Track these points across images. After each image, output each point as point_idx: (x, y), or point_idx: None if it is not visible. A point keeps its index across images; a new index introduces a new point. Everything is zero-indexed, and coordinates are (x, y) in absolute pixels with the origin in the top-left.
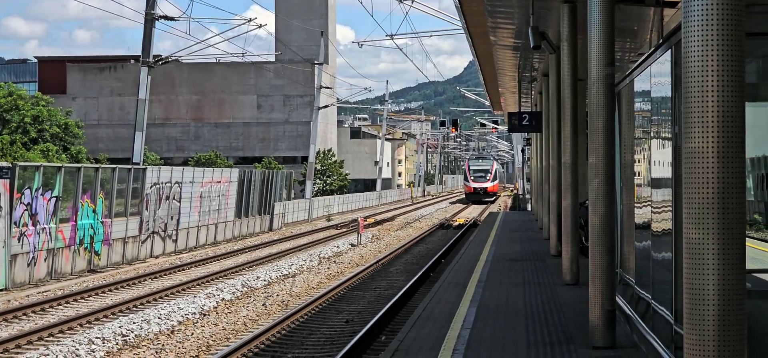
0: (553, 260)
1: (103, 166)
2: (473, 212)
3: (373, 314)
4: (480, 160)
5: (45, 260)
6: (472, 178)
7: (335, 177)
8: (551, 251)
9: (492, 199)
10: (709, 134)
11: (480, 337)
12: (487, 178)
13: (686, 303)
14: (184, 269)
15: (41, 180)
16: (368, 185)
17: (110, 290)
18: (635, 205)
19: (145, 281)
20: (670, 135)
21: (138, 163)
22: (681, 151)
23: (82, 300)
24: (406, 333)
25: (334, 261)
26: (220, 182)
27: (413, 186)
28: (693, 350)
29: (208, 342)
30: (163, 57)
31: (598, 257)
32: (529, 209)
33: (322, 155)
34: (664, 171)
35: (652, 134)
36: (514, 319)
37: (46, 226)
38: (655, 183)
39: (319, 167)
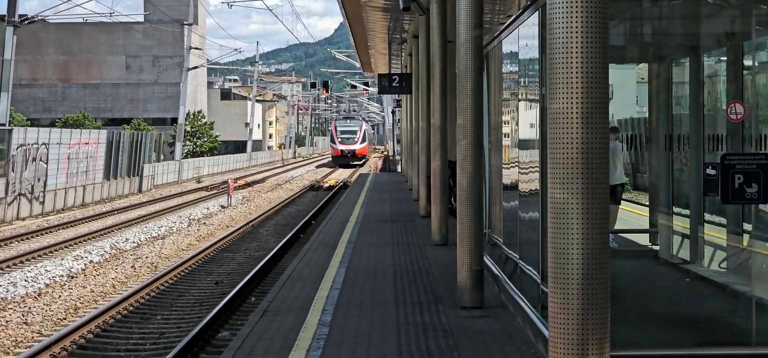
0: (423, 221)
1: None
2: (343, 173)
3: (242, 276)
4: (347, 121)
5: None
6: (339, 140)
7: (205, 139)
8: (421, 211)
9: (361, 162)
10: (573, 96)
11: (349, 297)
12: (356, 139)
13: (551, 262)
14: (51, 231)
15: None
16: (239, 147)
17: None
18: (503, 166)
19: (11, 243)
20: (537, 97)
21: (3, 125)
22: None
23: None
24: (276, 294)
25: (204, 223)
26: (88, 143)
27: (284, 148)
28: (557, 308)
29: (75, 304)
30: (29, 16)
31: (465, 218)
32: (399, 170)
33: (192, 117)
34: (531, 132)
35: (519, 96)
36: (383, 279)
37: None
38: (523, 144)
39: (189, 129)
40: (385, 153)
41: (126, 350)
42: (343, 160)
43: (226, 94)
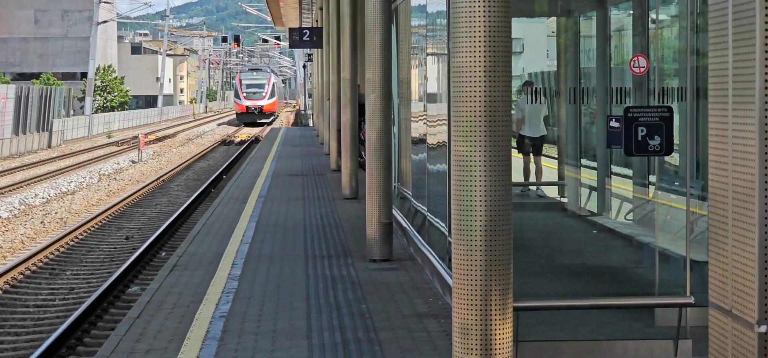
0: (333, 175)
1: None
2: (254, 128)
3: (153, 231)
4: (254, 73)
5: None
6: (244, 94)
7: (116, 94)
8: (332, 165)
9: (269, 119)
10: (476, 49)
11: (259, 251)
12: (263, 94)
13: (454, 215)
14: None
15: None
16: (150, 102)
17: None
18: (412, 119)
19: None
20: (444, 51)
21: None
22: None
23: None
24: (185, 249)
25: (115, 178)
26: None
27: (195, 102)
28: (461, 260)
29: None
30: None
31: (374, 172)
32: (311, 124)
33: (102, 72)
34: (438, 86)
35: (427, 50)
36: (293, 233)
37: None
38: (430, 98)
39: (99, 84)
40: (297, 108)
41: (35, 306)
42: (248, 117)
43: (136, 49)
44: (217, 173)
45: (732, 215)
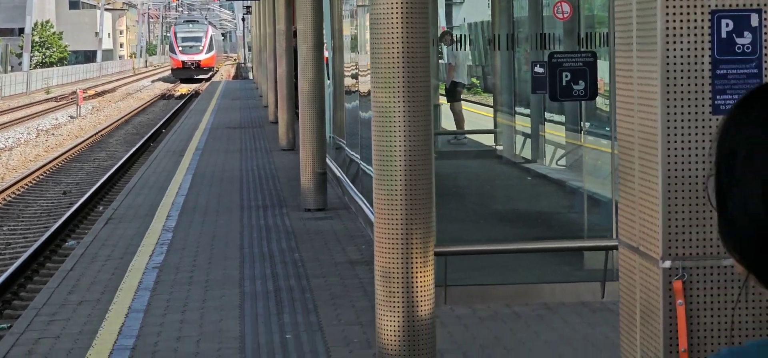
0: (271, 127)
1: None
2: (193, 83)
3: (91, 185)
4: (190, 25)
5: None
6: (180, 48)
7: (54, 49)
8: (270, 117)
9: (207, 75)
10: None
11: (194, 203)
12: (200, 48)
13: (375, 162)
14: None
15: None
16: (89, 57)
17: None
18: (345, 70)
19: None
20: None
21: None
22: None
23: None
24: (121, 202)
25: (53, 134)
26: None
27: (135, 57)
28: (382, 206)
29: None
30: None
31: (308, 122)
32: (250, 77)
33: (40, 27)
34: (367, 36)
35: (358, 1)
36: (229, 185)
37: None
38: (361, 48)
39: (37, 40)
40: (237, 61)
41: None
42: (184, 73)
43: (74, 4)
44: (156, 127)
45: (638, 157)
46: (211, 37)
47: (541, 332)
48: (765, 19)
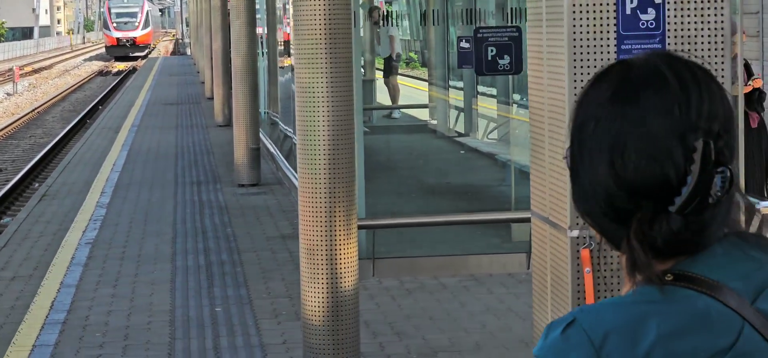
0: (208, 103)
1: None
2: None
3: (26, 163)
4: (125, 0)
5: None
6: (114, 24)
7: None
8: (206, 93)
9: (144, 52)
10: None
11: (129, 179)
12: (136, 24)
13: (299, 137)
14: None
15: None
16: (27, 34)
17: None
18: (279, 45)
19: None
20: None
21: None
22: None
23: None
24: (56, 178)
25: None
26: None
27: (73, 33)
28: (306, 181)
29: None
30: None
31: (241, 97)
32: (188, 53)
33: None
34: None
35: None
36: (165, 161)
37: None
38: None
39: None
40: (175, 37)
41: None
42: (119, 51)
43: None
44: (93, 104)
45: (548, 130)
46: (147, 13)
47: (467, 303)
48: None
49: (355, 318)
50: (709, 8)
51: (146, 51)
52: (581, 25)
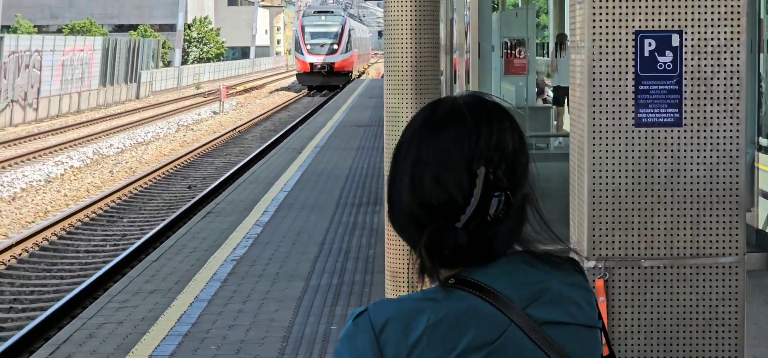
0: None
1: None
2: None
3: (215, 180)
4: (322, 17)
5: None
6: (308, 47)
7: (212, 45)
8: None
9: (343, 82)
10: (405, 4)
11: (294, 199)
12: (335, 46)
13: (387, 165)
14: (39, 137)
15: None
16: (246, 53)
17: None
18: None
19: None
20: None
21: None
22: None
23: None
24: (226, 196)
25: (192, 129)
26: (83, 50)
27: (289, 53)
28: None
29: (46, 208)
30: None
31: None
32: None
33: (198, 23)
34: None
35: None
36: (334, 182)
37: None
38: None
39: (195, 35)
40: None
41: (85, 251)
42: (313, 79)
43: (233, 0)
44: (293, 124)
45: (577, 164)
46: (349, 32)
47: None
48: (685, 39)
49: None
50: (725, 53)
51: (347, 80)
52: (601, 66)
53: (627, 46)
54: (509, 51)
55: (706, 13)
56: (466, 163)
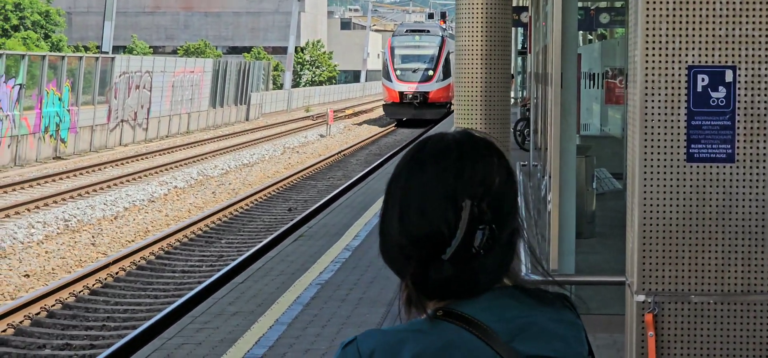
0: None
1: (69, 55)
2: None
3: (316, 202)
4: (416, 37)
5: (8, 146)
6: (398, 72)
7: (324, 68)
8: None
9: (439, 114)
10: (476, 31)
11: None
12: (430, 72)
13: None
14: (147, 157)
15: (3, 68)
16: (357, 77)
17: (67, 177)
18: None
19: (104, 168)
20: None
21: (107, 53)
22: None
23: (38, 186)
24: (320, 220)
25: (298, 151)
26: (193, 71)
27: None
28: None
29: (147, 228)
30: None
31: None
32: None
33: (311, 46)
34: None
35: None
36: None
37: (9, 113)
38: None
39: (308, 58)
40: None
41: (182, 272)
42: (402, 111)
43: (346, 24)
44: (397, 149)
45: (637, 195)
46: (447, 55)
47: None
48: (738, 74)
49: None
50: None
51: (443, 113)
52: (653, 101)
53: (680, 82)
54: (610, 80)
55: (760, 49)
56: (452, 197)
